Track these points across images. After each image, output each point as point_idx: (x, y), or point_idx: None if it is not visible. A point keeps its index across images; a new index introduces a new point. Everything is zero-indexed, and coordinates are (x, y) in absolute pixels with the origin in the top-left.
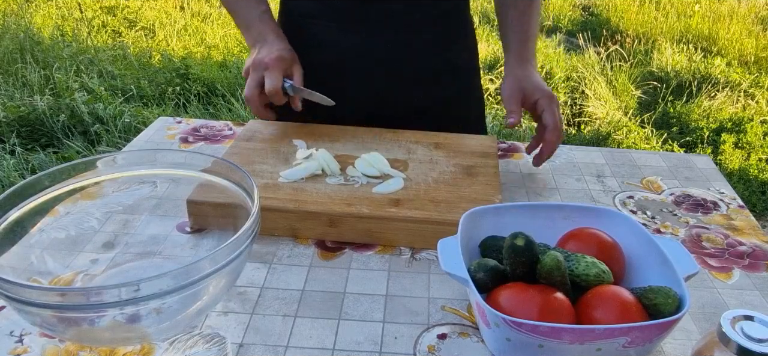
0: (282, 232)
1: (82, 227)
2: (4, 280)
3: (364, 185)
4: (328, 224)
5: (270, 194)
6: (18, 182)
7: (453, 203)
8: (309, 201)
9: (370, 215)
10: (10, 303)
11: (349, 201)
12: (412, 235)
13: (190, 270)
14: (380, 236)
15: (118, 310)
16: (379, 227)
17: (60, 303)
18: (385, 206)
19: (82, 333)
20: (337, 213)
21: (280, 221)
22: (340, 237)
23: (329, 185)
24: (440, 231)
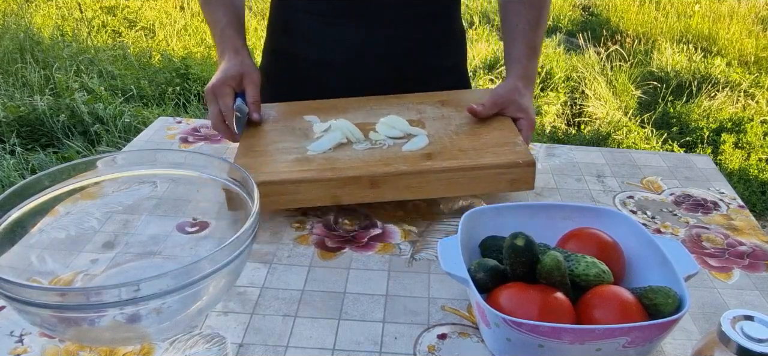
0: (324, 201)
1: (82, 227)
2: (4, 280)
3: (391, 147)
4: (368, 185)
5: (305, 167)
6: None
7: (480, 149)
8: (346, 167)
9: (408, 171)
10: (11, 303)
11: (386, 162)
12: (449, 184)
13: (190, 270)
14: (419, 190)
15: (118, 310)
16: (418, 181)
17: (60, 303)
18: (419, 161)
19: (81, 333)
20: (378, 174)
21: (321, 191)
22: (380, 197)
23: (359, 151)
24: (476, 177)
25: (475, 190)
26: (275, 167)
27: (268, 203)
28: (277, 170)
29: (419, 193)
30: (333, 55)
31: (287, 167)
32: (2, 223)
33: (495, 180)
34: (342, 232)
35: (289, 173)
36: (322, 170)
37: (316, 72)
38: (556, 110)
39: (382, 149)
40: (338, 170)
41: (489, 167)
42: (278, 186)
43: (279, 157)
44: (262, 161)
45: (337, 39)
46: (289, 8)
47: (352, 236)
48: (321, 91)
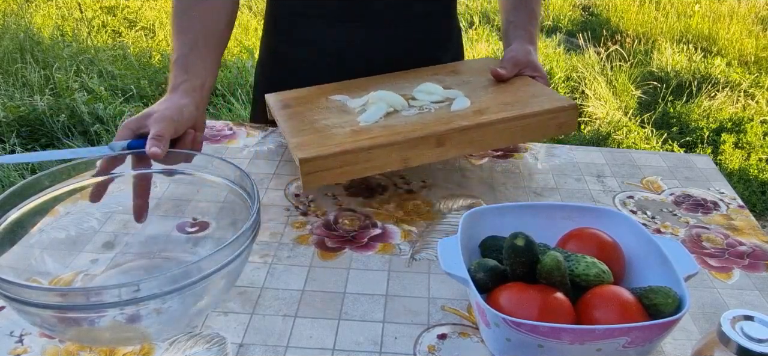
0: (394, 164)
1: (81, 227)
2: (4, 280)
3: (438, 110)
4: (435, 145)
5: (369, 135)
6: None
7: (522, 101)
8: (410, 130)
9: (471, 126)
10: (10, 304)
11: (445, 121)
12: (506, 134)
13: (191, 270)
14: (480, 144)
15: (118, 310)
16: (479, 134)
17: (60, 303)
18: (475, 117)
19: (82, 333)
20: (443, 132)
21: (392, 155)
22: (444, 155)
23: (412, 116)
24: (529, 124)
25: (528, 138)
26: (338, 139)
27: (339, 173)
28: (342, 141)
29: (480, 146)
30: (330, 55)
31: (351, 138)
32: (2, 223)
33: (545, 126)
34: (342, 232)
35: (358, 142)
36: (390, 135)
37: (313, 73)
38: None
39: (432, 113)
40: (405, 132)
41: (539, 113)
42: (351, 155)
43: (335, 131)
44: (319, 137)
45: (335, 39)
46: (285, 9)
47: (352, 236)
48: None
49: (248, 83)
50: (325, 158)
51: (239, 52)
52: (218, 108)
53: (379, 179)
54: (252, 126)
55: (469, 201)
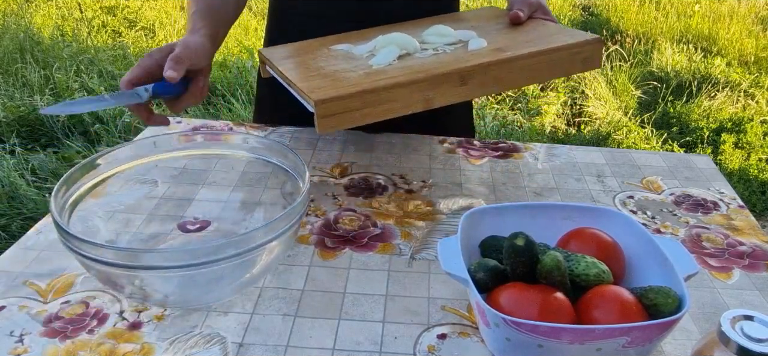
0: (416, 105)
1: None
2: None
3: (455, 51)
4: (459, 82)
5: (385, 76)
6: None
7: (544, 38)
8: (431, 68)
9: (496, 61)
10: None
11: (467, 58)
12: (532, 71)
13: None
14: (505, 81)
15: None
16: (505, 71)
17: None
18: (497, 54)
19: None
20: (467, 68)
21: (415, 94)
22: (468, 95)
23: (428, 57)
24: (554, 60)
25: (555, 74)
26: (355, 81)
27: (359, 115)
28: (358, 81)
29: (506, 84)
30: None
31: (369, 79)
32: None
33: (571, 61)
34: (342, 232)
35: (376, 81)
36: (410, 74)
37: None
38: (556, 110)
39: (448, 54)
40: (426, 71)
41: (565, 48)
42: (371, 95)
43: (347, 75)
44: (332, 81)
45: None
46: (286, 10)
47: (352, 236)
48: None
49: (248, 83)
50: (344, 99)
51: (239, 52)
52: (218, 108)
53: (379, 178)
54: (252, 126)
55: (469, 201)
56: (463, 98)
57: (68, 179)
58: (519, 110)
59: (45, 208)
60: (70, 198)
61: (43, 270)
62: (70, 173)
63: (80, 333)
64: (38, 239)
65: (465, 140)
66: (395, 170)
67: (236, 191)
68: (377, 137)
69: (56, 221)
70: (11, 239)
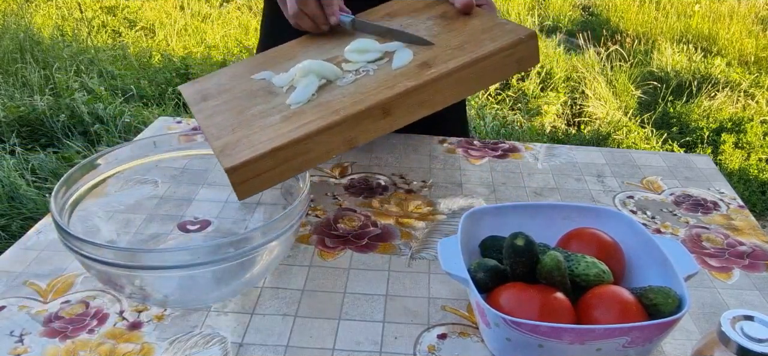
0: (339, 148)
1: (86, 225)
2: (78, 238)
3: (378, 71)
4: (381, 116)
5: (303, 121)
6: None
7: (473, 41)
8: (350, 105)
9: (417, 86)
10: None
11: (387, 86)
12: (460, 86)
13: (247, 238)
14: (432, 103)
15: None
16: (429, 93)
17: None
18: (421, 73)
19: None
20: (387, 99)
21: (334, 138)
22: (394, 125)
23: (349, 86)
24: (484, 69)
25: (486, 83)
26: (269, 133)
27: (277, 174)
28: (273, 135)
29: (433, 106)
30: None
31: (284, 129)
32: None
33: (503, 65)
34: (342, 232)
35: (291, 133)
36: (327, 116)
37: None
38: (556, 110)
39: (371, 76)
40: (343, 109)
41: (494, 53)
42: (286, 151)
43: (263, 122)
44: (246, 134)
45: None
46: (280, 10)
47: (352, 236)
48: None
49: None
50: (257, 161)
51: (239, 52)
52: None
53: (379, 178)
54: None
55: (469, 201)
56: (390, 129)
57: (68, 179)
58: (519, 110)
59: (45, 208)
60: (70, 198)
61: (43, 270)
62: (70, 173)
63: (80, 333)
64: (38, 239)
65: (465, 140)
66: (395, 170)
67: None
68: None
69: (56, 221)
70: (11, 239)
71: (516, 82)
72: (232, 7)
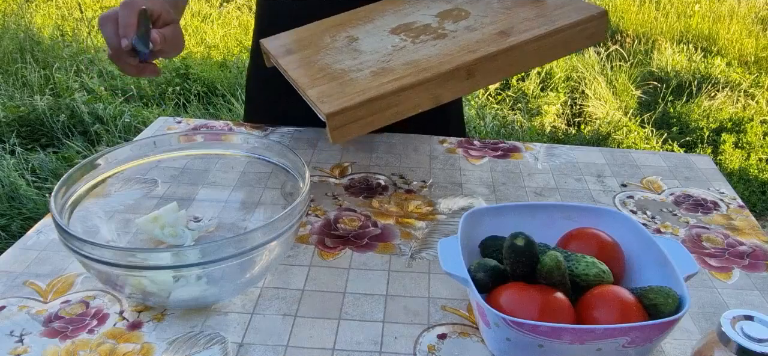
0: (425, 104)
1: (86, 225)
2: (79, 239)
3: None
4: (466, 76)
5: (393, 76)
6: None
7: (546, 16)
8: (437, 64)
9: (500, 50)
10: (86, 261)
11: (471, 49)
12: (537, 54)
13: (248, 238)
14: (511, 68)
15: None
16: (509, 59)
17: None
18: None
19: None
20: (472, 61)
21: (423, 94)
22: (475, 87)
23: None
24: (558, 41)
25: (559, 54)
26: (361, 85)
27: (368, 123)
28: (366, 87)
29: (511, 71)
30: None
31: (375, 82)
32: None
33: (575, 39)
34: (342, 232)
35: (383, 85)
36: (417, 73)
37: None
38: (556, 110)
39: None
40: (432, 68)
41: (569, 27)
42: (380, 102)
43: (354, 76)
44: (339, 84)
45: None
46: (273, 8)
47: (352, 236)
48: None
49: None
50: (354, 109)
51: (239, 52)
52: (218, 108)
53: (379, 179)
54: (252, 126)
55: (469, 201)
56: (471, 90)
57: (68, 179)
58: (519, 110)
59: (45, 208)
60: (70, 198)
61: (43, 270)
62: (70, 173)
63: (80, 333)
64: (38, 239)
65: (465, 140)
66: (395, 170)
67: (236, 191)
68: (377, 136)
69: (56, 221)
70: (11, 239)
71: (516, 82)
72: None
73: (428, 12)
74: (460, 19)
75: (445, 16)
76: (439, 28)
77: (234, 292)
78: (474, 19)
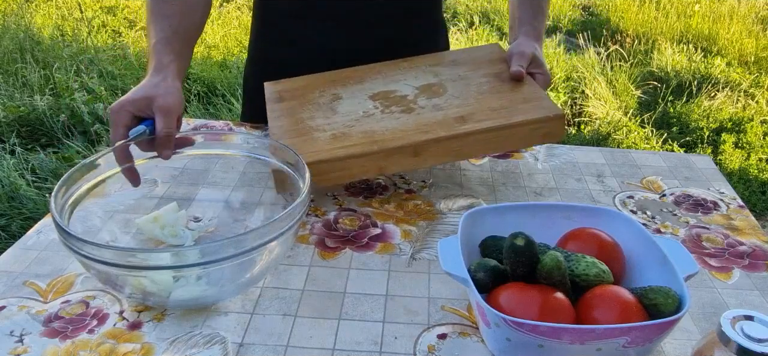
0: (370, 173)
1: (85, 225)
2: (80, 239)
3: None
4: (412, 154)
5: (347, 143)
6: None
7: (510, 107)
8: (387, 139)
9: (448, 136)
10: (86, 261)
11: (424, 129)
12: (486, 144)
13: (250, 237)
14: (458, 153)
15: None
16: (457, 144)
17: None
18: (454, 125)
19: (144, 293)
20: (420, 142)
21: (368, 164)
22: (421, 165)
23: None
24: (511, 135)
25: (510, 147)
26: (318, 145)
27: (316, 180)
28: (320, 148)
29: (458, 156)
30: (314, 55)
31: (329, 145)
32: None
33: (529, 136)
34: (342, 232)
35: (334, 150)
36: (367, 144)
37: (298, 73)
38: None
39: (415, 115)
40: (382, 141)
41: (523, 123)
42: (326, 164)
43: (317, 135)
44: (304, 140)
45: (319, 39)
46: (270, 10)
47: (352, 236)
48: None
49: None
50: None
51: (239, 52)
52: (218, 108)
53: (379, 178)
54: (252, 126)
55: (469, 201)
56: (417, 167)
57: (68, 179)
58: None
59: (45, 208)
60: (70, 198)
61: (43, 270)
62: (70, 173)
63: (80, 333)
64: (38, 239)
65: None
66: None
67: (236, 191)
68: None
69: (56, 221)
70: (11, 239)
71: None
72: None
73: (414, 82)
74: (435, 95)
75: (424, 90)
76: (412, 102)
77: (234, 292)
78: (445, 99)
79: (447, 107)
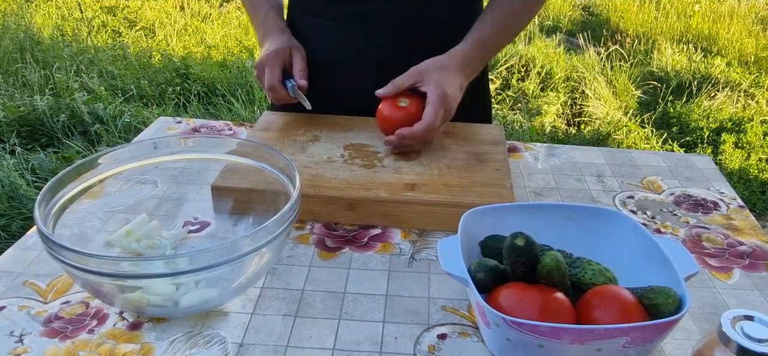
0: (303, 215)
1: (83, 226)
2: (69, 249)
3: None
4: (347, 207)
5: None
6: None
7: (466, 187)
8: (328, 186)
9: (386, 200)
10: (76, 272)
11: (367, 186)
12: (426, 217)
13: (237, 245)
14: (396, 219)
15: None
16: (396, 210)
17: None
18: (401, 190)
19: (134, 302)
20: (358, 199)
21: (303, 206)
22: (356, 220)
23: (347, 170)
24: (453, 213)
25: (452, 227)
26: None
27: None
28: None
29: (396, 222)
30: (332, 56)
31: None
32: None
33: None
34: (342, 232)
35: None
36: (307, 187)
37: (315, 73)
38: (556, 110)
39: (371, 170)
40: (320, 187)
41: (468, 206)
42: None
43: None
44: None
45: (337, 41)
46: (290, 8)
47: (352, 236)
48: (320, 92)
49: (248, 83)
50: (233, 191)
51: (239, 52)
52: (218, 108)
53: None
54: (252, 126)
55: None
56: (352, 222)
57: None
58: (519, 109)
59: None
60: (58, 203)
61: (43, 270)
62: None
63: (80, 333)
64: (38, 239)
65: None
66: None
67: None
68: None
69: (41, 230)
70: (11, 239)
71: (516, 82)
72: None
73: None
74: (403, 158)
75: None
76: (378, 160)
77: (227, 297)
78: (412, 164)
79: (406, 172)
